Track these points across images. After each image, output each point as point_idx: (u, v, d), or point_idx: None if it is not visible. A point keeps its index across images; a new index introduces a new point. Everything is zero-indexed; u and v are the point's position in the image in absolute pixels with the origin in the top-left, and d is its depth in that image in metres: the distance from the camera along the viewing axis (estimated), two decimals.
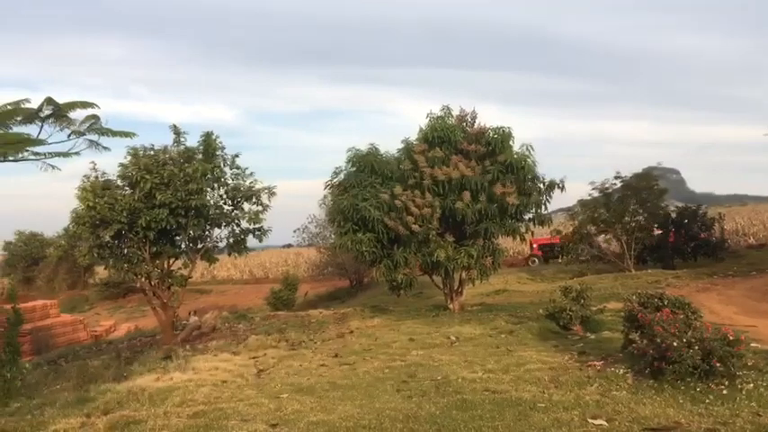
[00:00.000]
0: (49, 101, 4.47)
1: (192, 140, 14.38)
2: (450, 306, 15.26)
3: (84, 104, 4.70)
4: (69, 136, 4.84)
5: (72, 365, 11.64)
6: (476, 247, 14.07)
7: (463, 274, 14.97)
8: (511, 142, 14.70)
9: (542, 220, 14.94)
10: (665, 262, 22.67)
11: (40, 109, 4.56)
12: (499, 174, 14.12)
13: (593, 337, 10.63)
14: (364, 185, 14.43)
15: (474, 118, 15.11)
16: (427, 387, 7.74)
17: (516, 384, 7.54)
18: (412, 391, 7.63)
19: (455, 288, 15.34)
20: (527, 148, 14.56)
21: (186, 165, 13.51)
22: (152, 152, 13.99)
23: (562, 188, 14.77)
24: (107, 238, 13.24)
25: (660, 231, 23.21)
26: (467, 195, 13.70)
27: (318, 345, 11.78)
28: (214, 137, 14.24)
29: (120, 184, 13.70)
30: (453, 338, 11.30)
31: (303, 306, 25.96)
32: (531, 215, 14.84)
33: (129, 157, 13.86)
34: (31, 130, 4.62)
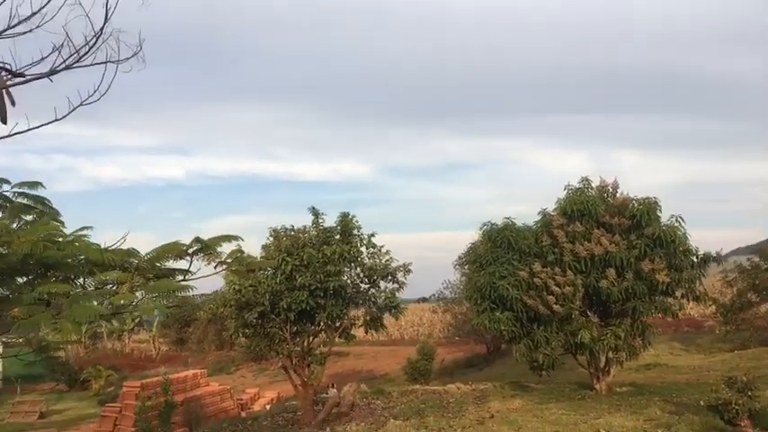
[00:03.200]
0: (197, 240, 4.71)
1: (330, 218, 14.76)
2: (597, 386, 14.34)
3: (228, 238, 4.89)
4: (216, 267, 5.04)
5: None
6: (623, 326, 13.24)
7: (610, 354, 14.07)
8: (658, 212, 13.85)
9: (697, 297, 13.84)
10: None
11: (189, 246, 4.80)
12: (646, 248, 13.29)
13: None
14: (501, 262, 14.07)
15: (615, 188, 14.40)
16: None
17: None
18: None
19: (601, 367, 14.43)
20: (676, 219, 13.64)
21: (324, 246, 13.81)
22: (292, 233, 14.48)
23: (719, 261, 13.68)
24: (252, 319, 13.70)
25: None
26: (612, 273, 12.98)
27: None
28: (350, 217, 14.53)
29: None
30: None
31: (440, 373, 25.59)
32: (683, 291, 13.81)
33: (271, 239, 14.47)
34: (182, 264, 4.89)
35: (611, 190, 14.42)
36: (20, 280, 4.94)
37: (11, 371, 29.54)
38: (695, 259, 13.76)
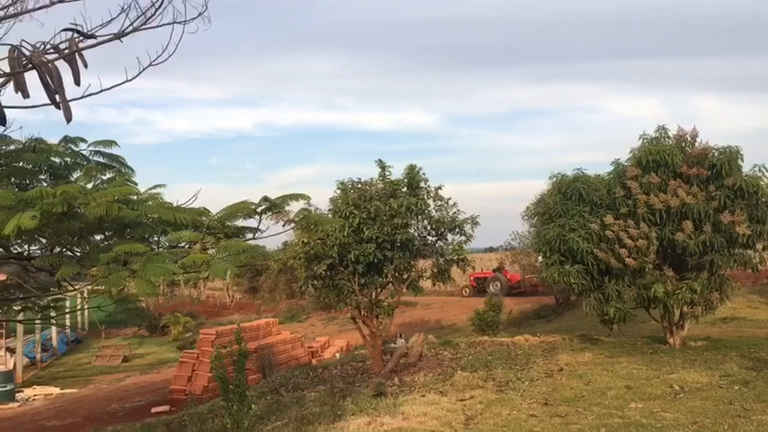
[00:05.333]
0: (266, 199, 4.76)
1: (396, 170, 14.72)
2: (670, 341, 14.02)
3: (296, 197, 4.91)
4: (284, 225, 5.10)
5: (292, 397, 12.37)
6: (699, 280, 12.81)
7: (685, 308, 13.68)
8: (740, 162, 13.22)
9: None
10: None
11: (258, 205, 4.86)
12: (726, 200, 12.73)
13: None
14: (571, 214, 13.76)
15: (694, 137, 13.76)
16: None
17: None
18: None
19: (675, 321, 14.07)
20: (760, 169, 13.00)
21: (391, 199, 13.80)
22: (359, 186, 14.53)
23: None
24: (320, 271, 13.91)
25: None
26: (688, 225, 12.52)
27: (526, 386, 11.37)
28: (417, 169, 14.44)
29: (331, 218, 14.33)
30: (677, 388, 10.31)
31: (507, 324, 25.56)
32: (764, 243, 13.23)
33: (338, 192, 14.57)
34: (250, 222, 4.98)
35: (689, 139, 13.79)
36: (97, 237, 5.13)
37: (95, 316, 31.21)
38: None
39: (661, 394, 10.04)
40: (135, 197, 4.75)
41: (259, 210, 4.86)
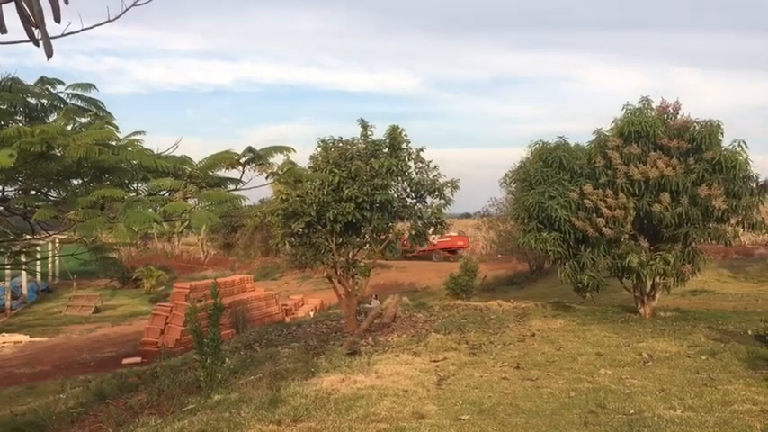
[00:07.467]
0: (250, 149, 4.66)
1: (377, 131, 14.61)
2: (641, 310, 14.26)
3: (280, 149, 4.82)
4: (267, 178, 5.01)
5: (265, 353, 12.40)
6: (673, 252, 12.98)
7: (657, 279, 13.89)
8: (720, 136, 13.29)
9: (753, 225, 13.42)
10: None
11: (241, 156, 4.76)
12: (704, 173, 12.83)
13: None
14: (551, 182, 13.80)
15: (677, 109, 13.80)
16: (618, 424, 7.20)
17: (722, 431, 6.80)
18: (602, 426, 7.14)
19: (647, 292, 14.29)
20: (739, 144, 13.09)
21: (372, 159, 13.70)
22: (340, 144, 14.39)
23: None
24: (298, 229, 13.84)
25: None
26: (666, 197, 12.61)
27: (499, 350, 11.52)
28: (399, 130, 14.31)
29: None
30: (646, 356, 10.50)
31: (481, 290, 25.83)
32: (738, 218, 13.40)
33: (319, 150, 14.43)
34: (233, 173, 4.88)
35: (671, 111, 13.83)
36: (75, 182, 4.99)
37: (67, 266, 30.96)
38: (754, 186, 13.27)
39: (630, 362, 10.21)
40: (114, 143, 4.61)
41: (243, 160, 4.77)
